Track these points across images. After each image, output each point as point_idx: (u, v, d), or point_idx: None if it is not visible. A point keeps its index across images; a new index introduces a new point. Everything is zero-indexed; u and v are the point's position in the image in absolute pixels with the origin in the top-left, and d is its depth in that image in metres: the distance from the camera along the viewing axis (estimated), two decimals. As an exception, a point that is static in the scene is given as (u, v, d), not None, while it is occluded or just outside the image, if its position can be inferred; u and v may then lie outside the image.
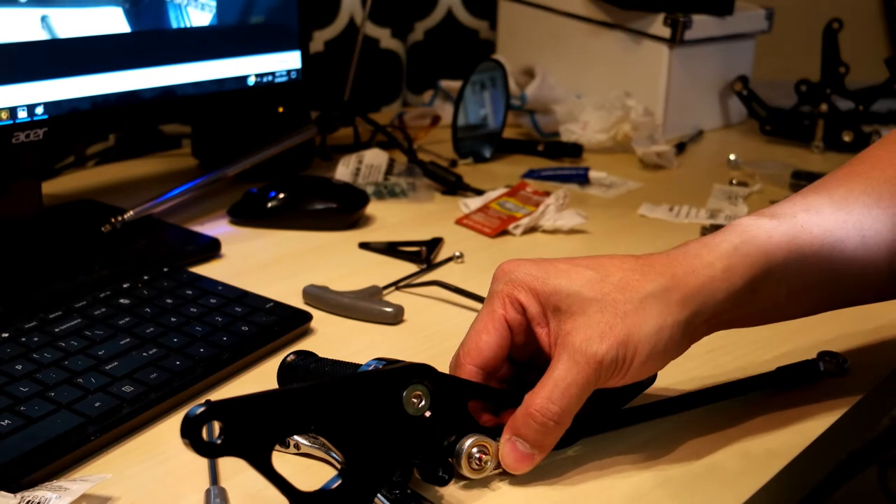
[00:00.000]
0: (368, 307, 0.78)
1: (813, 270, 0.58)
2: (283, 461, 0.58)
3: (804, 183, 1.08)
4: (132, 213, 0.91)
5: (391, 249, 0.91)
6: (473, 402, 0.56)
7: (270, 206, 0.97)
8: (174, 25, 0.91)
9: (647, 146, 1.21)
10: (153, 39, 0.90)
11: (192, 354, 0.67)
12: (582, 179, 1.14)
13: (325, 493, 0.49)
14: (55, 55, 0.82)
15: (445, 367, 0.58)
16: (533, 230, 0.97)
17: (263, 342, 0.71)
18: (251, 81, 0.99)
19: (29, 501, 0.51)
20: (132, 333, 0.69)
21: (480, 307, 0.59)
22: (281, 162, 1.06)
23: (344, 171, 1.08)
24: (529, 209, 0.99)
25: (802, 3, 1.62)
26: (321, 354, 0.64)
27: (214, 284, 0.78)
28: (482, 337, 0.57)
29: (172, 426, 0.62)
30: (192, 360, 0.67)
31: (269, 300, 0.76)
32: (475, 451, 0.54)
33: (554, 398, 0.53)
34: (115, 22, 0.86)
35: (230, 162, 1.00)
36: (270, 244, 0.93)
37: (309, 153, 1.14)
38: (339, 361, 0.61)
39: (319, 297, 0.79)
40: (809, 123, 1.31)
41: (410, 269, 0.87)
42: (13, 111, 0.80)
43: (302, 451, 0.58)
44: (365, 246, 0.92)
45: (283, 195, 0.97)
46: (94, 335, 0.68)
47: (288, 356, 0.62)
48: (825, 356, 0.69)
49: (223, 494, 0.54)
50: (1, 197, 0.86)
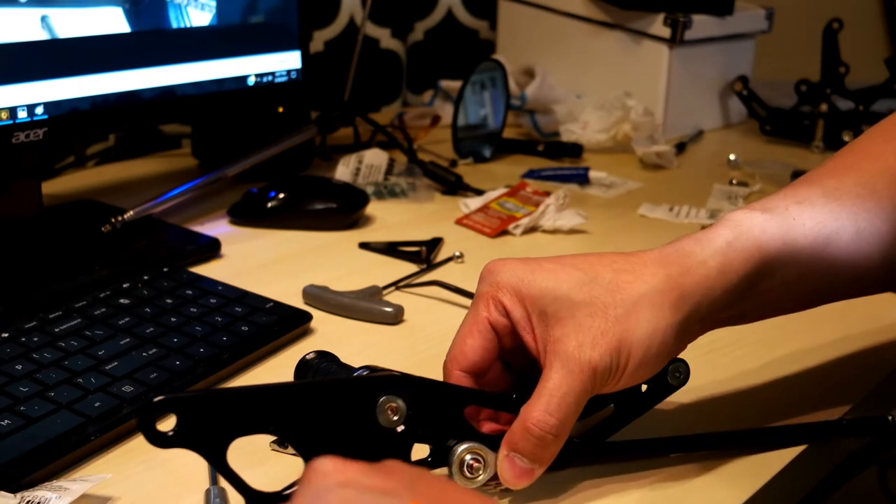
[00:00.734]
0: (368, 307, 0.78)
1: (808, 263, 0.57)
2: (283, 461, 0.58)
3: (804, 183, 1.08)
4: (132, 213, 0.91)
5: (391, 249, 0.91)
6: (471, 408, 0.55)
7: (270, 206, 0.97)
8: (174, 25, 0.91)
9: (647, 146, 1.21)
10: (153, 39, 0.90)
11: (192, 354, 0.67)
12: (582, 179, 1.14)
13: (281, 494, 0.48)
14: (55, 55, 0.82)
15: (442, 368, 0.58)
16: (533, 230, 0.97)
17: (263, 342, 0.71)
18: (251, 81, 0.99)
19: (29, 501, 0.51)
20: (132, 333, 0.69)
21: None
22: (281, 162, 1.06)
23: (344, 171, 1.08)
24: (529, 209, 0.99)
25: (802, 3, 1.62)
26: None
27: (214, 284, 0.78)
28: (467, 341, 0.55)
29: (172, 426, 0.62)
30: (192, 360, 0.67)
31: (269, 300, 0.76)
32: (468, 457, 0.53)
33: (551, 410, 0.51)
34: (115, 22, 0.86)
35: (230, 162, 1.00)
36: (270, 244, 0.93)
37: (309, 153, 1.14)
38: (350, 368, 0.60)
39: (319, 297, 0.79)
40: (809, 123, 1.31)
41: (410, 269, 0.87)
42: (13, 111, 0.80)
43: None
44: (365, 246, 0.92)
45: (283, 195, 0.97)
46: (94, 335, 0.68)
47: (308, 354, 0.61)
48: None
49: (223, 494, 0.54)
50: (1, 197, 0.86)
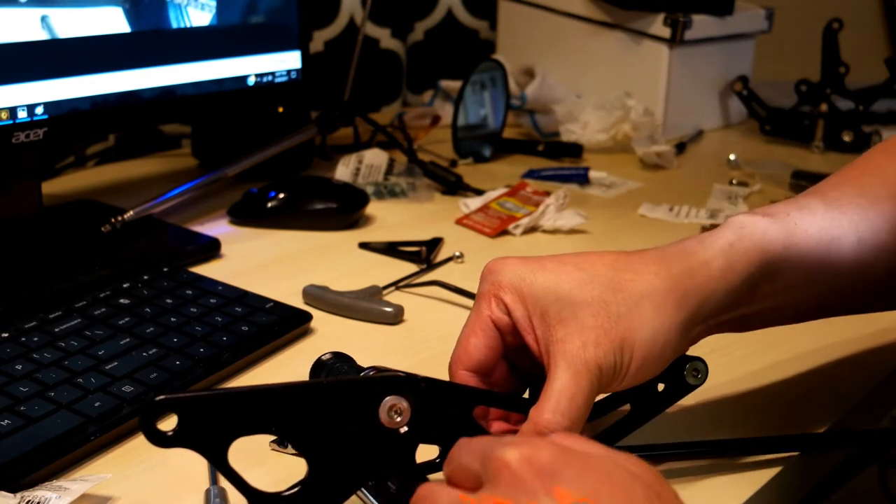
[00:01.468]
0: (368, 307, 0.78)
1: (810, 269, 0.57)
2: (283, 461, 0.58)
3: (804, 183, 1.08)
4: (132, 213, 0.91)
5: (391, 249, 0.91)
6: (480, 408, 0.55)
7: (270, 206, 0.97)
8: (174, 25, 0.91)
9: (647, 146, 1.21)
10: (153, 39, 0.90)
11: (192, 354, 0.67)
12: (582, 179, 1.14)
13: (282, 494, 0.48)
14: (55, 55, 0.82)
15: (445, 367, 0.58)
16: (533, 230, 0.97)
17: (263, 342, 0.71)
18: (251, 81, 0.99)
19: (29, 501, 0.51)
20: (132, 333, 0.69)
21: None
22: (281, 162, 1.06)
23: (344, 171, 1.08)
24: (529, 209, 0.99)
25: (802, 3, 1.62)
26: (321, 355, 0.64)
27: (214, 284, 0.78)
28: (470, 340, 0.55)
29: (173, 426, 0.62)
30: (192, 360, 0.67)
31: (269, 300, 0.76)
32: None
33: (560, 411, 0.50)
34: (115, 22, 0.86)
35: (230, 162, 1.00)
36: (270, 244, 0.93)
37: (309, 153, 1.14)
38: (362, 369, 0.59)
39: (319, 297, 0.79)
40: (809, 123, 1.31)
41: (410, 269, 0.87)
42: (13, 111, 0.80)
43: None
44: (365, 246, 0.92)
45: (283, 195, 0.97)
46: (94, 335, 0.68)
47: (324, 354, 0.61)
48: None
49: (223, 494, 0.54)
50: (1, 197, 0.86)
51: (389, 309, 0.77)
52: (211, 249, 0.89)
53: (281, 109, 1.11)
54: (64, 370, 0.64)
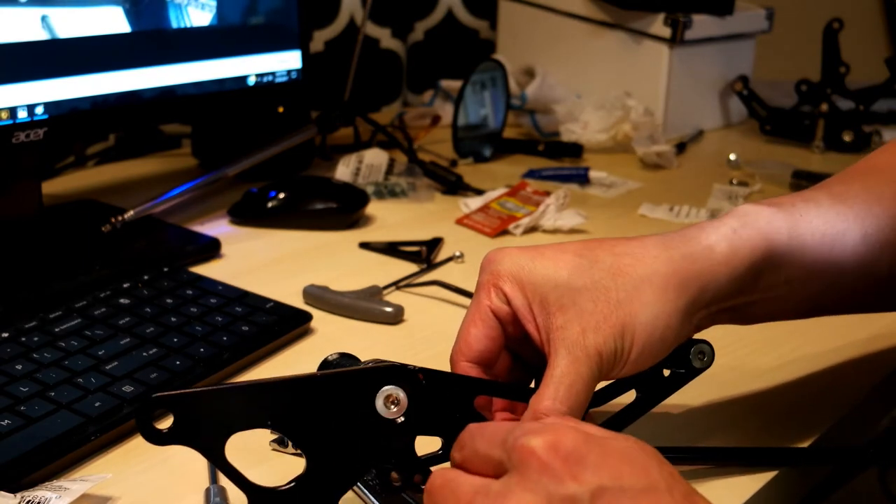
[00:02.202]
0: (368, 307, 0.78)
1: (814, 262, 0.56)
2: (283, 460, 0.58)
3: (804, 183, 1.08)
4: (132, 213, 0.91)
5: (391, 249, 0.91)
6: (483, 400, 0.54)
7: (270, 206, 0.97)
8: (174, 25, 0.91)
9: (647, 146, 1.21)
10: (153, 39, 0.90)
11: (192, 354, 0.67)
12: (582, 179, 1.14)
13: (281, 488, 0.48)
14: (55, 55, 0.82)
15: (446, 367, 0.58)
16: (533, 230, 0.97)
17: (263, 342, 0.71)
18: (251, 81, 0.99)
19: (29, 501, 0.51)
20: (132, 333, 0.69)
21: None
22: (281, 162, 1.06)
23: (344, 171, 1.08)
24: (530, 209, 0.99)
25: (802, 3, 1.62)
26: (321, 355, 0.63)
27: (214, 284, 0.78)
28: (470, 331, 0.54)
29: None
30: (192, 359, 0.67)
31: (269, 300, 0.76)
32: None
33: (560, 398, 0.50)
34: (115, 22, 0.86)
35: (230, 162, 1.00)
36: (270, 244, 0.93)
37: (309, 153, 1.14)
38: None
39: (319, 297, 0.79)
40: (810, 123, 1.31)
41: (410, 269, 0.87)
42: (13, 111, 0.80)
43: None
44: (365, 246, 0.92)
45: (283, 195, 0.97)
46: (94, 335, 0.68)
47: (331, 354, 0.61)
48: None
49: (223, 494, 0.54)
50: (1, 197, 0.86)
51: (389, 309, 0.77)
52: (211, 249, 0.89)
53: (281, 109, 1.11)
54: (64, 370, 0.64)
